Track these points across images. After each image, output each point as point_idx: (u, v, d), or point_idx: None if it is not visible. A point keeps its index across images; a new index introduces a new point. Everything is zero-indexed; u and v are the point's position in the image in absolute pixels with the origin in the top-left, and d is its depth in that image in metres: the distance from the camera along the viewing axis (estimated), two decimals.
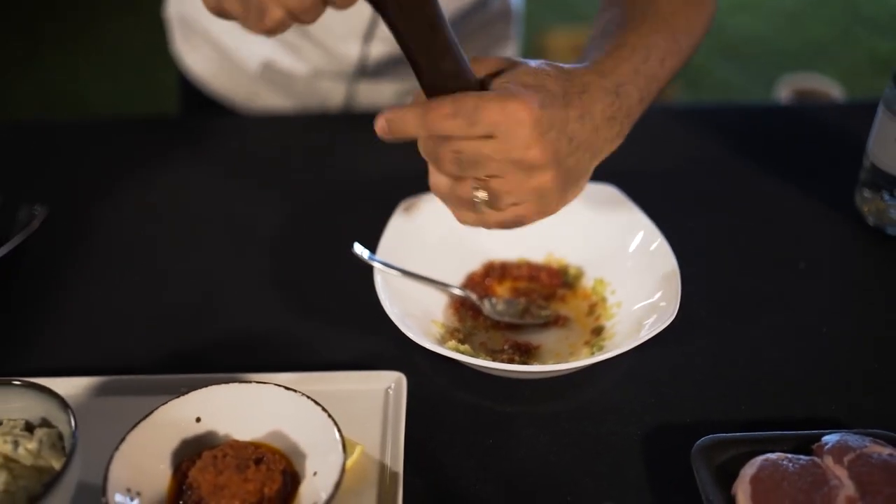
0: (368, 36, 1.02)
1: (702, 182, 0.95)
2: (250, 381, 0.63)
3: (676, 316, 0.67)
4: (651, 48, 0.68)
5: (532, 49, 3.01)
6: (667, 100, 2.59)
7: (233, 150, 1.04)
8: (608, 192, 0.80)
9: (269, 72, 1.09)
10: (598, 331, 0.74)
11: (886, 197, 0.84)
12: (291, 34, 1.04)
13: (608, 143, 0.65)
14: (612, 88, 0.64)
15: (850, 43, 3.47)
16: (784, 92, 2.68)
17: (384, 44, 1.02)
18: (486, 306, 0.76)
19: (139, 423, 0.60)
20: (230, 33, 1.08)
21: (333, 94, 1.10)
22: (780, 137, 1.03)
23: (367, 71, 1.06)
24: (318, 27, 1.02)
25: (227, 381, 0.63)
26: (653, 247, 0.75)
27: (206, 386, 0.63)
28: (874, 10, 3.69)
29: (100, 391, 0.70)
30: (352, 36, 1.02)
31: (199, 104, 1.17)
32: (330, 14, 1.04)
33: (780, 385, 0.71)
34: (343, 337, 0.76)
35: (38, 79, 3.19)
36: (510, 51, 1.17)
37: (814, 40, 3.50)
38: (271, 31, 0.56)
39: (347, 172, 0.98)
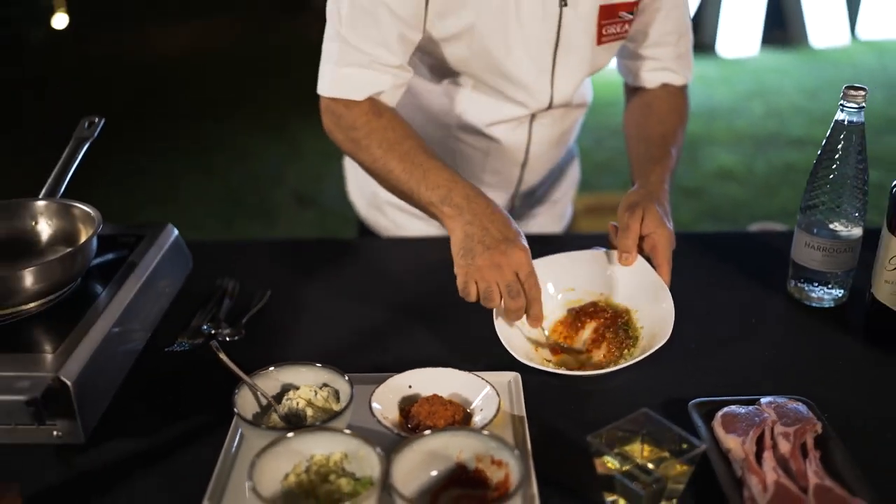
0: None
1: (689, 271, 1.46)
2: (438, 368, 1.12)
3: (678, 334, 1.17)
4: (666, 159, 1.37)
5: None
6: None
7: (384, 261, 1.58)
8: (640, 261, 1.31)
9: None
10: (631, 344, 1.23)
11: (804, 284, 1.35)
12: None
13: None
14: (663, 187, 1.33)
15: None
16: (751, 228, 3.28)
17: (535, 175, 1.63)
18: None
19: (378, 387, 1.08)
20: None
21: None
22: (747, 251, 1.57)
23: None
24: (486, 176, 1.58)
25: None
26: (664, 304, 1.24)
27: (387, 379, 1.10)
28: None
29: None
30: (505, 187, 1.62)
31: (362, 230, 1.69)
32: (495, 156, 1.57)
33: (741, 370, 1.21)
34: (475, 352, 1.24)
35: (146, 186, 4.09)
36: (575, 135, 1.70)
37: (783, 205, 4.13)
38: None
39: None
